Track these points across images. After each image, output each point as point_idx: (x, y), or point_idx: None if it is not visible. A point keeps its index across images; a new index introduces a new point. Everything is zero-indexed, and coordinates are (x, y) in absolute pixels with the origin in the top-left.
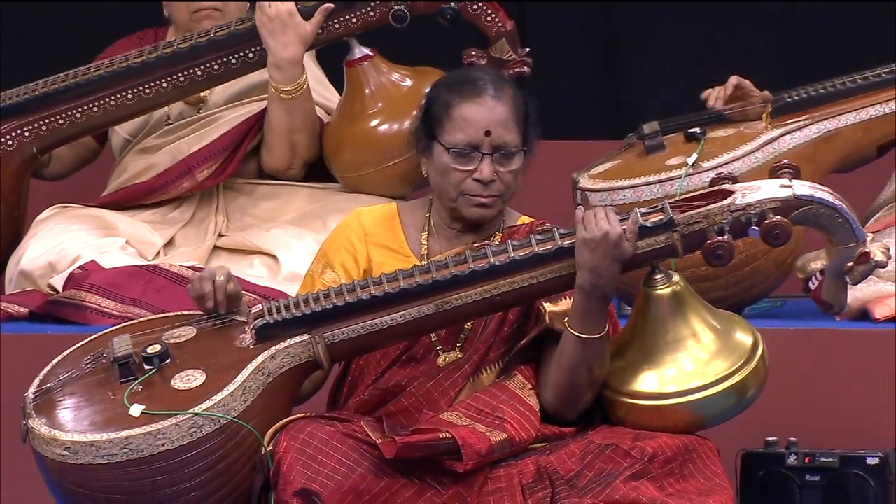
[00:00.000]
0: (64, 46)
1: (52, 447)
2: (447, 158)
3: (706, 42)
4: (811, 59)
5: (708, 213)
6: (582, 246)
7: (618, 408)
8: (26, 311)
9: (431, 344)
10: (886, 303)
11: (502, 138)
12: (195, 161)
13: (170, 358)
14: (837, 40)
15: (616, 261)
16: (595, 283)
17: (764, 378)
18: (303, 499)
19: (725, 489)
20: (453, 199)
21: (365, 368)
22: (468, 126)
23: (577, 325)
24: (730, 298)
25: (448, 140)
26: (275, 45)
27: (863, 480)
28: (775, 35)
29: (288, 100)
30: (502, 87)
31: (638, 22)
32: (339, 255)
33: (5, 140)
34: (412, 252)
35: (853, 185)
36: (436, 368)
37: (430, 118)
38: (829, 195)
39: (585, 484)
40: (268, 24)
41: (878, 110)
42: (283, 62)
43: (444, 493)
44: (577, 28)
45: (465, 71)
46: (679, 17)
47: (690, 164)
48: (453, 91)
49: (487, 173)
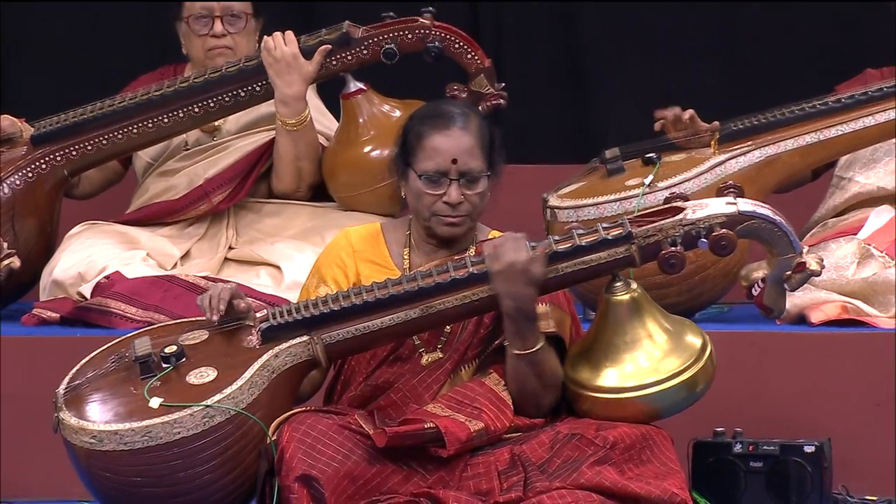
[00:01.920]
0: (92, 80)
1: (81, 436)
2: (420, 184)
3: (662, 78)
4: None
5: (662, 227)
6: (495, 277)
7: (582, 401)
8: (58, 317)
9: (415, 346)
10: (822, 308)
11: (468, 165)
12: (211, 186)
13: (185, 357)
14: (778, 76)
15: (529, 284)
16: (516, 307)
17: (712, 375)
18: (303, 483)
19: (679, 473)
20: (427, 220)
21: (356, 368)
22: (437, 155)
23: (513, 344)
24: (682, 304)
25: (420, 167)
26: (281, 83)
27: (801, 466)
28: (723, 71)
29: (293, 131)
30: (469, 118)
31: (601, 61)
32: (331, 270)
33: (40, 164)
34: (395, 265)
35: (791, 204)
36: (420, 367)
37: (405, 147)
38: (769, 211)
39: (554, 469)
40: (274, 65)
41: (814, 137)
42: (288, 98)
43: (429, 478)
44: (548, 66)
45: (436, 104)
46: (638, 57)
47: (647, 185)
48: (425, 123)
49: (455, 196)
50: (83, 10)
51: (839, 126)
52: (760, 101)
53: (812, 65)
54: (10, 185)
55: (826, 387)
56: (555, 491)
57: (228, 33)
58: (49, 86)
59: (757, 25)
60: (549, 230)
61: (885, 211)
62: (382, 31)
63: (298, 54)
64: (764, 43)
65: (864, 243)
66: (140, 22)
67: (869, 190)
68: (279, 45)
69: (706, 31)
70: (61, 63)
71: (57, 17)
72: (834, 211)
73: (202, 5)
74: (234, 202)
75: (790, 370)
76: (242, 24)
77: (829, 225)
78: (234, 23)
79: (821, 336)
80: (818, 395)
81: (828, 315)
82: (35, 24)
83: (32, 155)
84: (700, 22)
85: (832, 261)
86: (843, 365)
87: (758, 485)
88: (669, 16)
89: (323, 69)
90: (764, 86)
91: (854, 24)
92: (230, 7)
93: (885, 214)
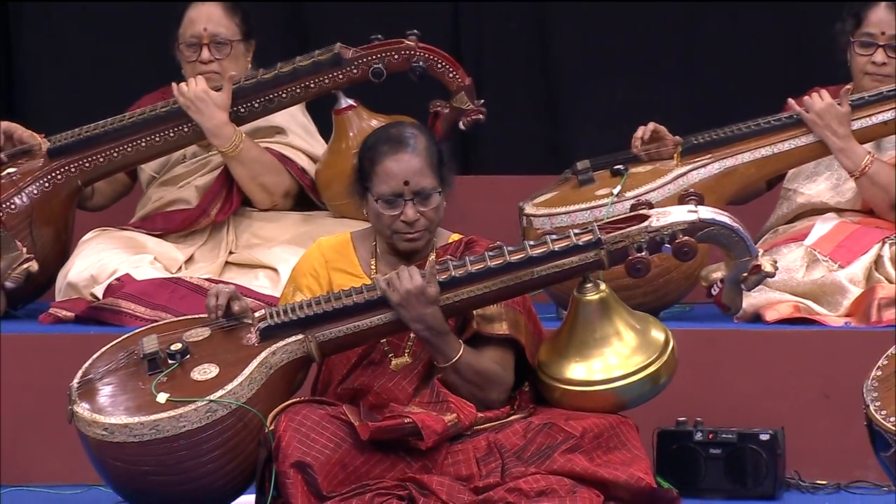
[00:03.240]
0: (103, 98)
1: (93, 428)
2: (377, 206)
3: (629, 95)
4: (714, 109)
5: (629, 233)
6: (397, 307)
7: (554, 392)
8: (72, 316)
9: (384, 351)
10: (776, 308)
11: (420, 185)
12: (206, 202)
13: (189, 354)
14: (735, 94)
15: (428, 304)
16: (424, 327)
17: (675, 369)
18: (298, 469)
19: (644, 460)
20: (388, 237)
21: (333, 371)
22: (390, 179)
23: (437, 359)
24: (647, 304)
25: (376, 191)
26: (202, 119)
27: (757, 453)
28: (685, 90)
29: (235, 156)
30: (417, 140)
31: (573, 80)
32: (305, 279)
33: (56, 174)
34: (364, 273)
35: (748, 212)
36: (390, 371)
37: (362, 172)
38: (728, 218)
39: (529, 456)
40: (190, 105)
41: (769, 151)
42: (214, 129)
43: (413, 465)
44: (524, 85)
45: (385, 129)
46: (607, 77)
47: (615, 194)
48: (377, 149)
49: (411, 215)
50: (95, 35)
51: (791, 140)
52: (719, 117)
53: (766, 84)
54: (28, 195)
55: (779, 380)
56: (529, 476)
57: (215, 59)
58: (64, 103)
59: (716, 48)
60: (525, 236)
61: (830, 219)
62: (371, 51)
63: (207, 89)
64: (723, 64)
65: (810, 249)
66: (146, 46)
67: (813, 201)
68: (190, 86)
69: (670, 54)
70: (76, 83)
71: (71, 41)
72: (783, 219)
73: (191, 33)
74: (229, 213)
75: (747, 364)
76: (228, 49)
77: (779, 232)
78: (220, 49)
79: (775, 333)
80: (772, 387)
81: (781, 314)
82: (52, 48)
83: (49, 166)
84: (664, 45)
85: (784, 264)
86: (795, 360)
87: (717, 470)
88: (636, 40)
89: (315, 87)
90: (722, 103)
91: (805, 46)
92: (217, 35)
93: (829, 222)
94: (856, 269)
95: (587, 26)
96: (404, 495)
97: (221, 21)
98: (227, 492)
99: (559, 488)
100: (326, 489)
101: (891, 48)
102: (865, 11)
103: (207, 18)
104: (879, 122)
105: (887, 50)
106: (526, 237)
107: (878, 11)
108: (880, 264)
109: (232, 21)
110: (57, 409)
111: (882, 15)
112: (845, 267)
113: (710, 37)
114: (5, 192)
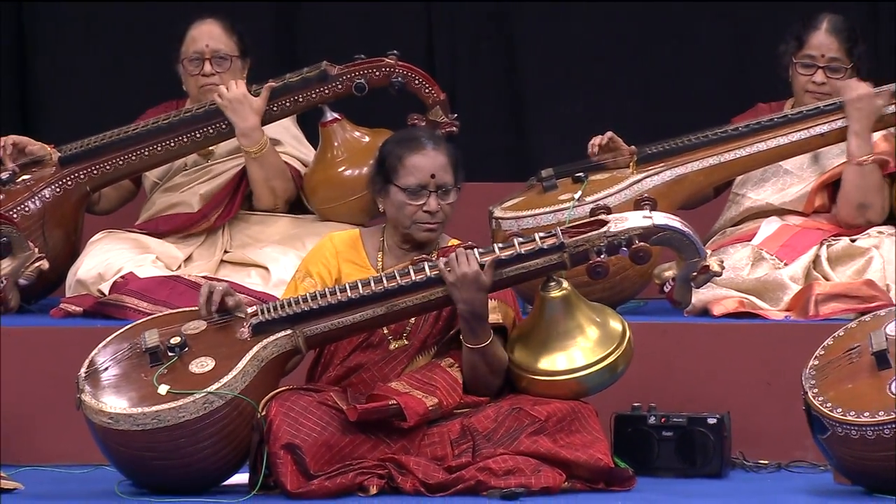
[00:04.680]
0: (110, 111)
1: (99, 416)
2: (402, 196)
3: (589, 109)
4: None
5: (589, 238)
6: (450, 287)
7: (522, 381)
8: (81, 310)
9: (384, 335)
10: (722, 303)
11: (443, 179)
12: (208, 209)
13: (188, 347)
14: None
15: (480, 290)
16: (469, 310)
17: (631, 359)
18: (288, 451)
19: (603, 441)
20: (407, 227)
21: (335, 352)
22: (418, 171)
23: (467, 339)
24: (606, 300)
25: (402, 182)
26: (237, 119)
27: (705, 435)
28: (641, 104)
29: (257, 157)
30: (439, 141)
31: (538, 95)
32: (317, 266)
33: (66, 181)
34: (371, 266)
35: (697, 216)
36: (388, 352)
37: (384, 168)
38: (679, 223)
39: (498, 438)
40: (228, 106)
41: (716, 160)
42: (246, 130)
43: (393, 446)
44: (493, 100)
45: (408, 131)
46: (570, 91)
47: (576, 199)
48: (403, 146)
49: (434, 206)
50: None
51: (736, 150)
52: (671, 129)
53: (714, 99)
54: (40, 199)
55: (726, 369)
56: (498, 456)
57: (216, 73)
58: (74, 116)
59: (669, 67)
60: (494, 238)
61: (774, 221)
62: (354, 68)
63: (247, 93)
64: (674, 81)
65: (757, 248)
66: (149, 64)
67: (759, 205)
68: (231, 88)
69: (627, 72)
70: (85, 98)
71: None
72: (731, 222)
73: (194, 50)
74: (227, 219)
75: (696, 355)
76: (228, 64)
77: (727, 233)
78: (221, 64)
79: (721, 326)
80: (719, 375)
81: (727, 308)
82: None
83: (60, 173)
84: (621, 64)
85: (730, 263)
86: (740, 350)
87: (669, 451)
88: (596, 59)
89: (304, 101)
90: (674, 117)
91: (749, 66)
92: (218, 51)
93: (773, 224)
94: (796, 267)
95: (551, 46)
96: (384, 473)
97: (221, 38)
98: (223, 472)
99: (525, 468)
100: (314, 468)
101: (829, 69)
102: (807, 35)
103: (209, 36)
104: (817, 133)
105: (826, 71)
106: (495, 239)
107: (819, 35)
108: (818, 263)
109: (231, 39)
110: (67, 396)
111: (822, 39)
112: (790, 264)
113: (663, 56)
114: (20, 197)
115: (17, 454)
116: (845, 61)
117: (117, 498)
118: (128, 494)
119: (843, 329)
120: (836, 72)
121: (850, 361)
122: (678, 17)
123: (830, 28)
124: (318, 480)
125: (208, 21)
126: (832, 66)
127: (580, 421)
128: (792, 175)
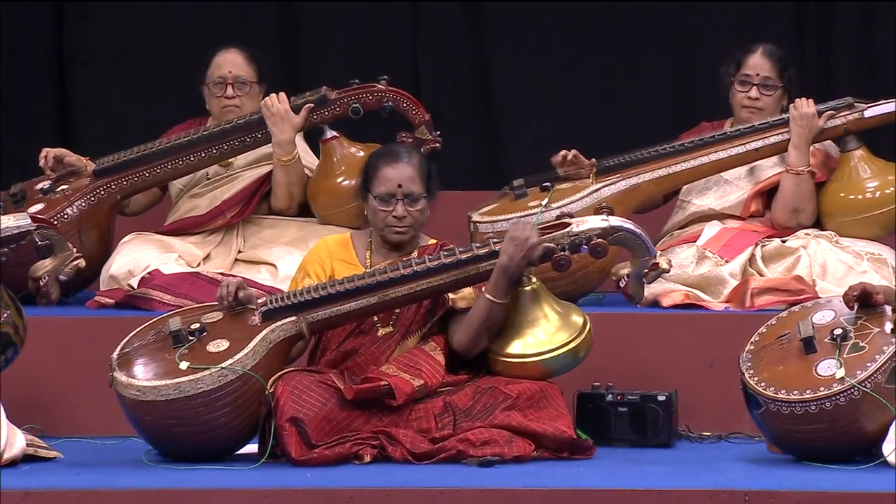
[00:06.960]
0: (140, 127)
1: (129, 390)
2: (375, 203)
3: (557, 127)
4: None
5: (554, 237)
6: (508, 239)
7: (496, 364)
8: (113, 302)
9: (373, 322)
10: (670, 296)
11: (410, 189)
12: (226, 206)
13: (206, 331)
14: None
15: (525, 259)
16: (508, 266)
17: (591, 345)
18: (292, 423)
19: (567, 416)
20: (381, 230)
21: (331, 338)
22: (388, 181)
23: (491, 292)
24: (569, 293)
25: (375, 192)
26: (276, 131)
27: (655, 411)
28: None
29: (286, 166)
30: (412, 155)
31: (512, 115)
32: (314, 266)
33: (100, 191)
34: (360, 263)
35: (648, 220)
36: (377, 338)
37: (365, 178)
38: (632, 226)
39: (476, 413)
40: (271, 117)
41: (665, 171)
42: (282, 142)
43: (384, 420)
44: (471, 119)
45: (388, 146)
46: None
47: (544, 206)
48: (379, 159)
49: (400, 212)
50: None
51: (683, 163)
52: (626, 144)
53: (663, 118)
54: (77, 207)
55: (674, 353)
56: (476, 429)
57: (237, 96)
58: (108, 132)
59: (624, 91)
60: (472, 238)
61: (716, 224)
62: (350, 93)
63: (289, 110)
64: (629, 103)
65: (701, 248)
66: (175, 86)
67: (703, 210)
68: (275, 103)
69: (589, 95)
70: (118, 116)
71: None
72: (677, 225)
73: (218, 75)
74: (242, 217)
75: (648, 341)
76: (248, 88)
77: (674, 235)
78: (241, 88)
79: (670, 316)
80: (668, 358)
81: (675, 300)
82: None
83: (94, 184)
84: (584, 88)
85: (677, 261)
86: (686, 336)
87: (624, 424)
88: (562, 80)
89: (308, 122)
90: (629, 134)
91: (694, 90)
92: (239, 76)
93: (715, 227)
94: (735, 264)
95: (524, 72)
96: (377, 444)
97: (243, 66)
98: (235, 441)
99: (499, 439)
100: (315, 439)
101: (763, 87)
102: (744, 58)
103: (232, 63)
104: (752, 149)
105: (760, 88)
106: (473, 240)
107: (755, 58)
108: (754, 261)
109: (251, 67)
110: (100, 376)
111: (757, 60)
112: (730, 262)
113: (621, 82)
114: (59, 206)
115: (58, 427)
116: (777, 81)
117: (144, 465)
118: (153, 462)
119: (775, 318)
120: (769, 89)
121: (781, 346)
122: (633, 50)
123: (765, 52)
124: (319, 450)
125: (232, 50)
126: (766, 83)
127: (547, 398)
128: (731, 184)
